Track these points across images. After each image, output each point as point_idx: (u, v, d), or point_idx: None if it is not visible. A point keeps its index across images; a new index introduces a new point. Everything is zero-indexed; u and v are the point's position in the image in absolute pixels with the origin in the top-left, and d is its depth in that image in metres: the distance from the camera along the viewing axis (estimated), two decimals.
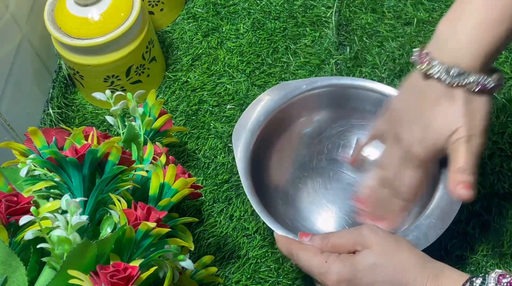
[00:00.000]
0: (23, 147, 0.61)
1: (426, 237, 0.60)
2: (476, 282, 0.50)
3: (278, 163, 0.73)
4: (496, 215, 0.71)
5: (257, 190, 0.66)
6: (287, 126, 0.73)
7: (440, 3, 0.89)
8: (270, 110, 0.71)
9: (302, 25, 0.89)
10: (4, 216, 0.53)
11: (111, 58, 0.77)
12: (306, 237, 0.60)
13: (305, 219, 0.71)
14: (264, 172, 0.71)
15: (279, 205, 0.71)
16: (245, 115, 0.70)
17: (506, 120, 0.77)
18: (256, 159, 0.69)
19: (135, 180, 0.60)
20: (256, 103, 0.71)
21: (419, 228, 0.60)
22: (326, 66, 0.85)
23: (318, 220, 0.71)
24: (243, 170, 0.66)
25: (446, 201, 0.62)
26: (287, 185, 0.73)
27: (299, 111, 0.73)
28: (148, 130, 0.70)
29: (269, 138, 0.72)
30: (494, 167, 0.74)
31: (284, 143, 0.74)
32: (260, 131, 0.70)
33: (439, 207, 0.61)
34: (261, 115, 0.70)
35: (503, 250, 0.69)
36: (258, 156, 0.69)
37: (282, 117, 0.72)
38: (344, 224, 0.71)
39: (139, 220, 0.52)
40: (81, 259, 0.50)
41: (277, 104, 0.71)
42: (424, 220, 0.61)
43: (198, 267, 0.65)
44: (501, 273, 0.50)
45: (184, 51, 0.89)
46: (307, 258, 0.57)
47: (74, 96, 0.87)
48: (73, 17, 0.76)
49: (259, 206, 0.64)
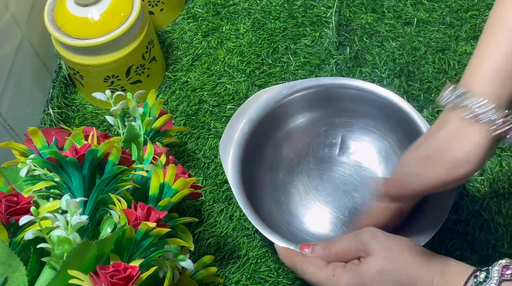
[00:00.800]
0: (23, 147, 0.61)
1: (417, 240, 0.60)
2: (480, 276, 0.50)
3: (268, 172, 0.73)
4: (496, 215, 0.71)
5: (251, 201, 0.66)
6: (272, 133, 0.74)
7: (440, 3, 0.89)
8: (254, 119, 0.71)
9: (302, 25, 0.89)
10: (4, 216, 0.53)
11: (111, 58, 0.77)
12: (307, 248, 0.60)
13: (301, 223, 0.71)
14: (255, 182, 0.71)
15: (273, 213, 0.71)
16: (230, 127, 0.70)
17: None
18: (246, 170, 0.69)
19: (135, 180, 0.60)
20: (238, 114, 0.71)
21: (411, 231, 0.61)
22: (326, 66, 0.85)
23: (313, 222, 0.71)
24: (234, 185, 0.66)
25: (436, 204, 0.62)
26: (279, 191, 0.73)
27: (283, 116, 0.73)
28: (148, 130, 0.70)
29: (256, 148, 0.72)
30: (494, 167, 0.74)
31: (270, 150, 0.74)
32: (247, 142, 0.70)
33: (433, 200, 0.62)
34: (245, 126, 0.70)
35: (503, 250, 0.69)
36: (247, 168, 0.69)
37: (266, 125, 0.72)
38: (340, 223, 0.71)
39: (139, 220, 0.52)
40: (81, 259, 0.50)
41: (260, 113, 0.71)
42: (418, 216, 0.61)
43: (198, 267, 0.65)
44: (504, 264, 0.50)
45: (184, 51, 0.89)
46: (313, 271, 0.57)
47: (74, 96, 0.87)
48: (73, 17, 0.76)
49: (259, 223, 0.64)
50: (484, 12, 0.87)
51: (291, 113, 0.74)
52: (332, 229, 0.71)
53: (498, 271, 0.50)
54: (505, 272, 0.49)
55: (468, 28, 0.86)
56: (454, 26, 0.87)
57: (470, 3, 0.88)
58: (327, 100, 0.73)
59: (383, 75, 0.83)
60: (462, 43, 0.85)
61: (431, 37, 0.86)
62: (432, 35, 0.86)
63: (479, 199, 0.72)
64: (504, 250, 0.69)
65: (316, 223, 0.71)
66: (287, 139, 0.75)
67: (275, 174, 0.74)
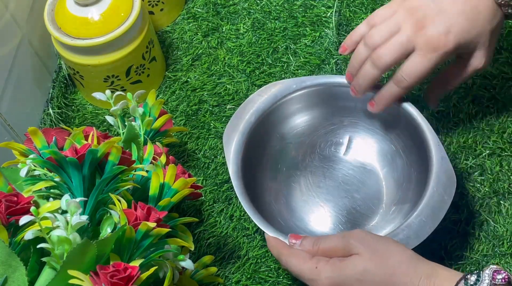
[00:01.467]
0: (23, 147, 0.61)
1: (417, 235, 0.60)
2: (471, 279, 0.50)
3: (271, 164, 0.73)
4: (496, 215, 0.71)
5: (249, 190, 0.66)
6: (279, 126, 0.74)
7: None
8: (260, 110, 0.71)
9: (302, 25, 0.89)
10: (4, 216, 0.53)
11: (111, 58, 0.77)
12: (296, 239, 0.60)
13: (298, 219, 0.71)
14: (256, 173, 0.71)
15: (272, 204, 0.71)
16: (235, 117, 0.70)
17: (506, 120, 0.77)
18: (248, 160, 0.69)
19: (135, 180, 0.60)
20: (246, 104, 0.71)
21: (410, 227, 0.61)
22: (326, 66, 0.85)
23: (311, 219, 0.72)
24: (234, 172, 0.66)
25: (436, 199, 0.62)
26: (280, 184, 0.73)
27: (291, 110, 0.73)
28: (148, 130, 0.70)
29: (261, 139, 0.72)
30: (494, 167, 0.74)
31: (275, 143, 0.74)
32: (252, 132, 0.70)
33: (429, 205, 0.62)
34: (252, 116, 0.70)
35: (503, 250, 0.69)
36: (250, 157, 0.69)
37: (273, 117, 0.72)
38: (337, 223, 0.71)
39: (139, 220, 0.52)
40: (81, 259, 0.50)
41: (268, 105, 0.71)
42: (414, 219, 0.61)
43: (198, 267, 0.66)
44: (495, 269, 0.50)
45: (184, 51, 0.89)
46: (296, 263, 0.57)
47: (74, 96, 0.87)
48: (73, 17, 0.76)
49: (251, 208, 0.64)
50: None
51: (299, 108, 0.74)
52: (330, 227, 0.71)
53: (489, 275, 0.50)
54: (496, 277, 0.49)
55: None
56: None
57: None
58: (336, 99, 0.73)
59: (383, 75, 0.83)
60: None
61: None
62: None
63: (479, 199, 0.72)
64: (504, 250, 0.69)
65: (314, 219, 0.71)
66: (294, 133, 0.75)
67: (278, 167, 0.74)
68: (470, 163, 0.75)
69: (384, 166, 0.73)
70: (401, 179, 0.71)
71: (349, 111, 0.74)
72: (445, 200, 0.62)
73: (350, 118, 0.74)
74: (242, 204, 0.64)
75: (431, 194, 0.62)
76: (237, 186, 0.65)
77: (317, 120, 0.75)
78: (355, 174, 0.74)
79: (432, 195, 0.62)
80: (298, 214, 0.72)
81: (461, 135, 0.77)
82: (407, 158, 0.70)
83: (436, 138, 0.66)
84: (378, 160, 0.74)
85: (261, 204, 0.67)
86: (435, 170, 0.63)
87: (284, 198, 0.73)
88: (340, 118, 0.74)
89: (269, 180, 0.73)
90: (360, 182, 0.73)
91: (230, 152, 0.68)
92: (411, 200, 0.67)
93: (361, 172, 0.74)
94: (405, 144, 0.71)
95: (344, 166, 0.75)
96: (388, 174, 0.72)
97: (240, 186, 0.65)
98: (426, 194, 0.62)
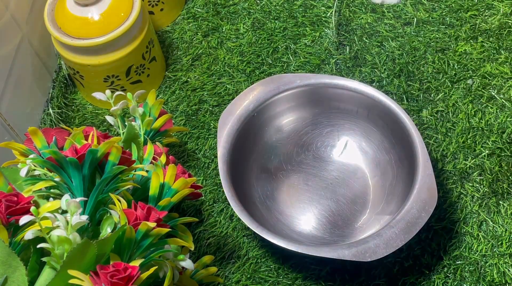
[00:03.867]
0: (23, 147, 0.61)
1: (386, 246, 0.60)
2: None
3: (264, 153, 0.73)
4: (495, 215, 0.71)
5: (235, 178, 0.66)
6: (278, 118, 0.74)
7: (440, 3, 0.89)
8: (261, 100, 0.71)
9: (302, 25, 0.89)
10: (4, 216, 0.53)
11: (111, 58, 0.77)
12: None
13: (279, 211, 0.72)
14: (247, 160, 0.71)
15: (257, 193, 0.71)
16: (234, 103, 0.70)
17: (505, 120, 0.77)
18: (241, 145, 0.69)
19: (135, 180, 0.60)
20: (248, 92, 0.71)
21: (381, 237, 0.61)
22: (326, 66, 0.85)
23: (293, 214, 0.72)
24: (222, 157, 0.66)
25: (412, 215, 0.62)
26: (270, 176, 0.74)
27: (291, 105, 0.73)
28: (148, 130, 0.70)
29: (258, 129, 0.72)
30: (493, 167, 0.74)
31: (271, 134, 0.74)
32: (248, 119, 0.70)
33: (405, 219, 0.62)
34: (251, 104, 0.70)
35: (502, 250, 0.69)
36: (242, 143, 0.69)
37: (272, 108, 0.72)
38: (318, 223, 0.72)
39: (139, 220, 0.52)
40: (81, 259, 0.50)
41: (269, 95, 0.71)
42: (387, 230, 0.61)
43: (198, 267, 0.66)
44: None
45: (184, 51, 0.89)
46: None
47: (74, 96, 0.87)
48: (73, 17, 0.76)
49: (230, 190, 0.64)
50: (484, 12, 0.87)
51: (299, 104, 0.74)
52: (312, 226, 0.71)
53: None
54: None
55: (468, 28, 0.86)
56: (454, 26, 0.87)
57: (470, 3, 0.88)
58: (338, 101, 0.73)
59: (383, 75, 0.83)
60: (462, 43, 0.85)
61: (430, 37, 0.86)
62: (431, 35, 0.86)
63: (478, 199, 0.72)
64: (503, 250, 0.69)
65: (297, 213, 0.72)
66: (291, 128, 0.75)
67: (271, 158, 0.74)
68: (469, 163, 0.75)
69: (375, 174, 0.73)
70: (387, 190, 0.71)
71: (350, 115, 0.74)
72: (422, 216, 0.62)
73: (350, 122, 0.74)
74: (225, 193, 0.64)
75: (408, 210, 0.62)
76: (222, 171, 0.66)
77: (317, 119, 0.75)
78: (345, 177, 0.74)
79: (409, 210, 0.62)
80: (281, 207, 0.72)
81: (460, 135, 0.77)
82: (397, 170, 0.71)
83: (426, 155, 0.65)
84: (370, 168, 0.74)
85: (244, 193, 0.67)
86: (418, 186, 0.64)
87: (271, 189, 0.73)
88: (340, 120, 0.75)
89: (258, 170, 0.73)
90: (349, 187, 0.73)
91: (222, 136, 0.68)
92: (392, 212, 0.67)
93: (351, 177, 0.74)
94: (398, 156, 0.71)
95: (336, 168, 0.75)
96: (378, 183, 0.73)
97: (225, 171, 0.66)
98: (404, 208, 0.62)
